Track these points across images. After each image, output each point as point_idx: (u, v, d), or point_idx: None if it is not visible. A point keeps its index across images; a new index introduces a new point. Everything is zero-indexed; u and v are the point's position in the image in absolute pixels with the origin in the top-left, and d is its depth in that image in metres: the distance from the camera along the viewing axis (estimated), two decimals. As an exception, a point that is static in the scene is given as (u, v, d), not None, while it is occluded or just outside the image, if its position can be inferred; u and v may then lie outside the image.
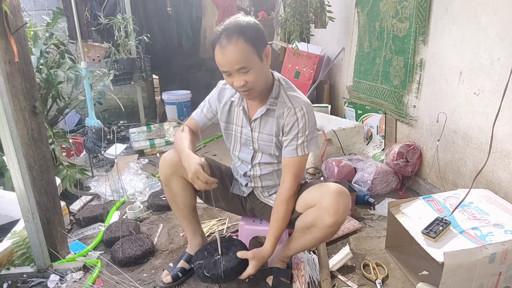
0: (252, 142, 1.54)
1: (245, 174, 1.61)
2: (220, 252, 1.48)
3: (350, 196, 1.41)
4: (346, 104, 3.38)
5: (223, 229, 2.04)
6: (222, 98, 1.57)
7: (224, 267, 1.41)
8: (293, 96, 1.44)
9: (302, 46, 3.48)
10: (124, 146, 3.20)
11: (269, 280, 1.54)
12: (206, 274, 1.42)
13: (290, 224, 1.51)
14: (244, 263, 1.45)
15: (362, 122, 3.08)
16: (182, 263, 1.64)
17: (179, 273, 1.61)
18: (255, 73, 1.31)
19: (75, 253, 1.80)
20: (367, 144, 3.02)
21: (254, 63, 1.30)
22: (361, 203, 2.24)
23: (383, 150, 2.81)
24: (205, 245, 1.57)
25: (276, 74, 1.49)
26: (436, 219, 1.47)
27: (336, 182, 2.24)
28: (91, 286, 1.59)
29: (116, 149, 2.95)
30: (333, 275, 1.62)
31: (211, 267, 1.43)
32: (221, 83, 1.60)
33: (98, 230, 2.07)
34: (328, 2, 3.28)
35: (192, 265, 1.50)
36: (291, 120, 1.42)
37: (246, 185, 1.65)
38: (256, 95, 1.41)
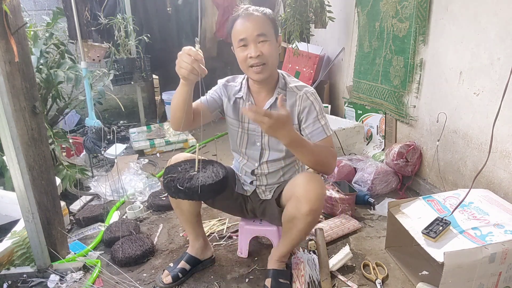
0: (261, 137, 1.54)
1: (252, 172, 1.62)
2: (197, 169, 1.34)
3: (322, 182, 1.40)
4: (346, 104, 3.38)
5: (223, 229, 2.04)
6: (227, 92, 1.57)
7: (202, 182, 1.28)
8: (300, 86, 1.51)
9: (302, 46, 3.48)
10: (124, 146, 3.20)
11: (268, 282, 1.53)
12: (179, 187, 1.27)
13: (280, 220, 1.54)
14: (224, 182, 1.33)
15: (362, 122, 3.08)
16: (182, 264, 1.64)
17: (179, 274, 1.61)
18: (270, 46, 1.38)
19: (75, 253, 1.80)
20: (367, 144, 3.02)
21: (271, 37, 1.39)
22: (361, 203, 2.24)
23: (383, 150, 2.81)
24: (180, 162, 1.45)
25: (278, 70, 1.54)
26: (436, 219, 1.47)
27: (336, 182, 2.26)
28: (91, 286, 1.59)
29: (116, 149, 2.95)
30: (333, 275, 1.62)
31: (186, 181, 1.29)
32: (222, 80, 1.60)
33: (98, 230, 2.07)
34: (328, 2, 3.28)
35: (163, 178, 1.34)
36: (306, 104, 1.47)
37: (251, 183, 1.65)
38: (268, 75, 1.43)
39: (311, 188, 1.36)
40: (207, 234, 1.93)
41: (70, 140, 2.75)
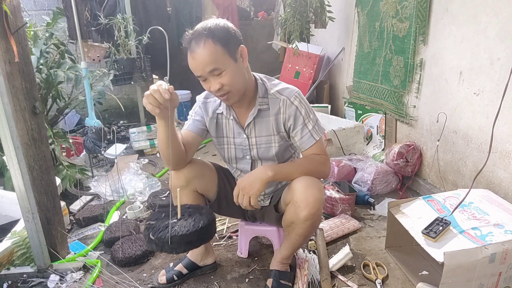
0: (249, 150, 1.50)
1: None
2: (179, 215, 1.24)
3: (321, 186, 1.38)
4: (346, 104, 3.38)
5: (223, 229, 2.04)
6: (207, 111, 1.50)
7: (174, 232, 1.17)
8: (282, 89, 1.43)
9: (302, 46, 3.48)
10: (124, 146, 3.20)
11: (269, 283, 1.52)
12: (151, 236, 1.18)
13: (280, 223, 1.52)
14: (204, 233, 1.22)
15: (362, 122, 3.08)
16: (179, 267, 1.63)
17: (174, 276, 1.60)
18: (229, 74, 1.28)
19: (75, 253, 1.80)
20: (367, 144, 3.02)
21: (226, 64, 1.27)
22: (361, 203, 2.24)
23: (383, 150, 2.81)
24: (167, 207, 1.32)
25: (257, 74, 1.46)
26: (436, 219, 1.47)
27: (336, 182, 2.26)
28: (91, 286, 1.59)
29: (116, 149, 2.95)
30: (333, 275, 1.62)
31: (160, 229, 1.19)
32: (200, 97, 1.54)
33: (98, 230, 2.07)
34: (328, 2, 3.28)
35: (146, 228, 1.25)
36: (292, 111, 1.40)
37: None
38: (237, 99, 1.36)
39: (310, 193, 1.33)
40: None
41: (70, 140, 2.75)
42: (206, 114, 1.50)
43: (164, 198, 2.31)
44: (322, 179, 1.48)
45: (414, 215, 1.57)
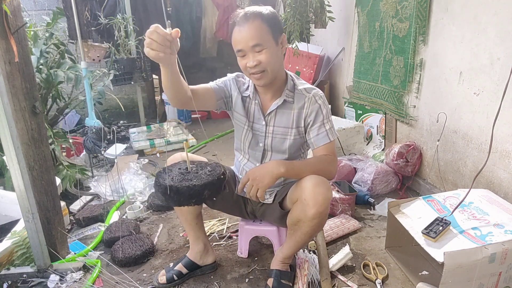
0: (264, 138, 1.54)
1: None
2: (188, 168, 1.33)
3: (329, 186, 1.40)
4: (346, 104, 3.38)
5: (223, 229, 2.04)
6: (238, 86, 1.56)
7: (191, 182, 1.24)
8: (309, 88, 1.51)
9: (302, 46, 3.48)
10: (124, 146, 3.21)
11: (270, 282, 1.53)
12: (163, 183, 1.22)
13: (284, 223, 1.53)
14: (216, 185, 1.28)
15: (362, 122, 3.08)
16: (179, 267, 1.63)
17: (174, 276, 1.60)
18: (269, 53, 1.35)
19: (75, 253, 1.80)
20: (367, 144, 3.02)
21: (269, 43, 1.35)
22: (361, 203, 2.24)
23: (383, 150, 2.81)
24: (175, 165, 1.41)
25: (288, 71, 1.54)
26: (436, 219, 1.47)
27: (336, 182, 2.26)
28: (91, 286, 1.59)
29: (116, 149, 2.95)
30: (333, 275, 1.62)
31: (178, 180, 1.25)
32: (232, 75, 1.59)
33: (98, 230, 2.07)
34: (328, 2, 3.28)
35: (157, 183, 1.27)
36: (314, 107, 1.47)
37: None
38: (269, 81, 1.42)
39: (319, 192, 1.35)
40: (207, 234, 1.92)
41: (70, 140, 2.75)
42: (236, 89, 1.56)
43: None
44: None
45: (414, 215, 1.57)
